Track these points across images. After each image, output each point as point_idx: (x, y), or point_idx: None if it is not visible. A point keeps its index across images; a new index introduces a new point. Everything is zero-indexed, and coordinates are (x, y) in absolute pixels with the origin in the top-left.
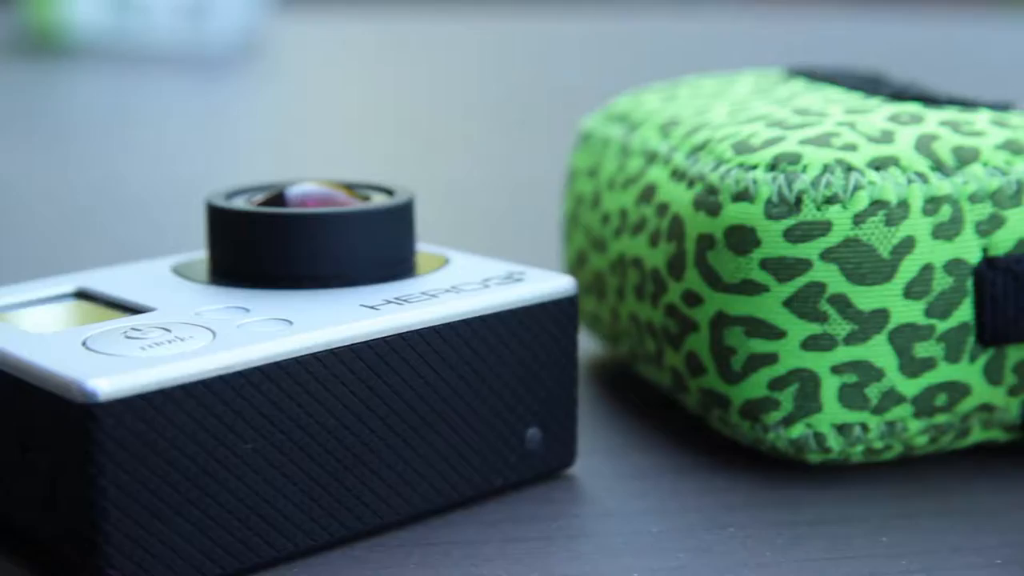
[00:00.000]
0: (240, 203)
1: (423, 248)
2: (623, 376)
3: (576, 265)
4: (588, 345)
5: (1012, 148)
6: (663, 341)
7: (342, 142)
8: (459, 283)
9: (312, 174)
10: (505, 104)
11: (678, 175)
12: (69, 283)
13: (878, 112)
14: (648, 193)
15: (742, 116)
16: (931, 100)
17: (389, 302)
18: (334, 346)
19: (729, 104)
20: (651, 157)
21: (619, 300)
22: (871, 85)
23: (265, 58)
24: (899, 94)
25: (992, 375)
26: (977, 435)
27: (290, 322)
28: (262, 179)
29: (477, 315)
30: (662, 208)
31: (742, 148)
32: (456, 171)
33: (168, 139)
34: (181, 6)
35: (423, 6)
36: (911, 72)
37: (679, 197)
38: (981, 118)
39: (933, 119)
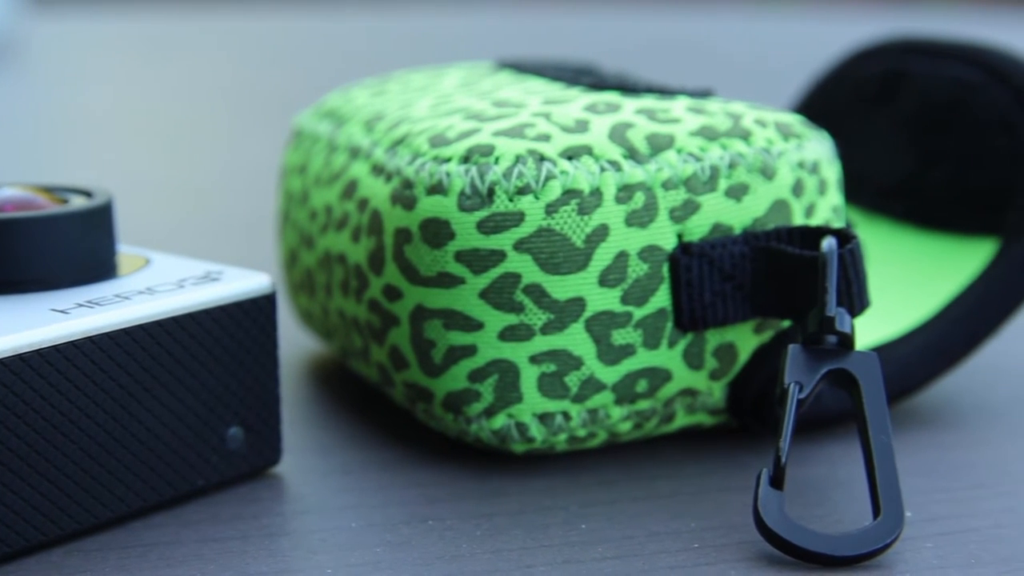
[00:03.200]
0: None
1: (125, 250)
2: (337, 372)
3: (289, 262)
4: (306, 342)
5: (707, 134)
6: (368, 336)
7: (83, 144)
8: (154, 284)
9: (49, 177)
10: (248, 102)
11: (378, 170)
12: None
13: (575, 102)
14: (351, 189)
15: (443, 109)
16: (630, 89)
17: (81, 305)
18: (21, 351)
19: (434, 98)
20: (354, 152)
21: (328, 297)
22: (573, 75)
23: (15, 59)
24: (599, 84)
25: (692, 360)
26: (682, 420)
27: None
28: None
29: (170, 316)
30: (363, 203)
31: (438, 141)
32: (190, 171)
33: None
34: None
35: (181, 5)
36: (661, 67)
37: (378, 192)
38: (678, 105)
39: (630, 107)
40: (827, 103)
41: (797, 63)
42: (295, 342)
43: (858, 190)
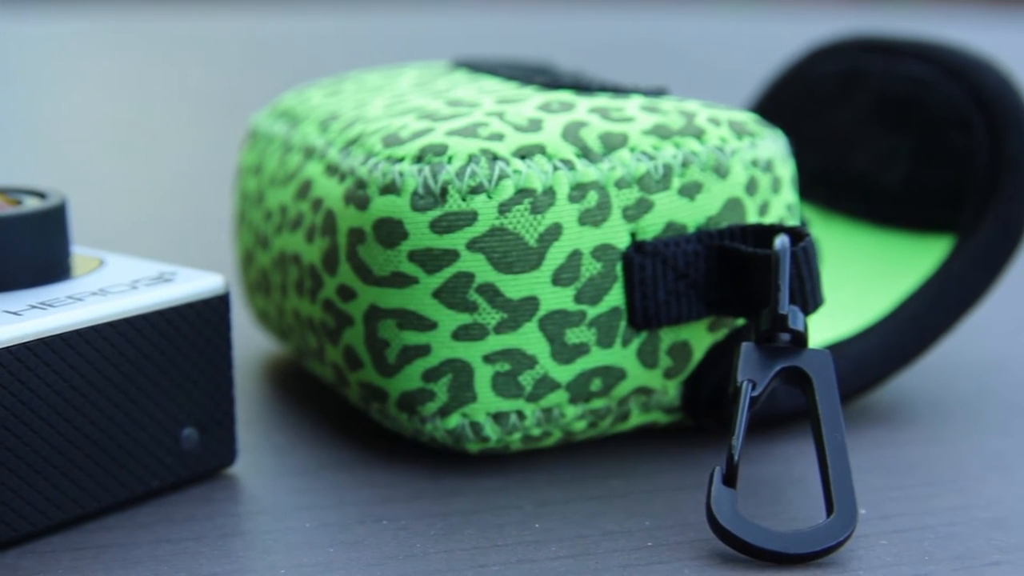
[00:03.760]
0: None
1: (80, 251)
2: (293, 373)
3: (245, 263)
4: (262, 342)
5: (660, 133)
6: (323, 336)
7: (39, 144)
8: (108, 285)
9: (4, 178)
10: (205, 102)
11: (332, 170)
12: None
13: (529, 101)
14: (305, 189)
15: (397, 109)
16: (584, 88)
17: (33, 307)
18: None
19: (388, 97)
20: (309, 153)
21: (283, 297)
22: (527, 74)
23: None
24: (553, 83)
25: (646, 358)
26: (637, 418)
27: None
28: None
29: (122, 317)
30: (317, 203)
31: (391, 141)
32: (147, 171)
33: None
34: None
35: (137, 6)
36: (620, 66)
37: (332, 191)
38: (632, 104)
39: (583, 106)
40: (784, 101)
41: (755, 62)
42: (251, 342)
43: (815, 188)
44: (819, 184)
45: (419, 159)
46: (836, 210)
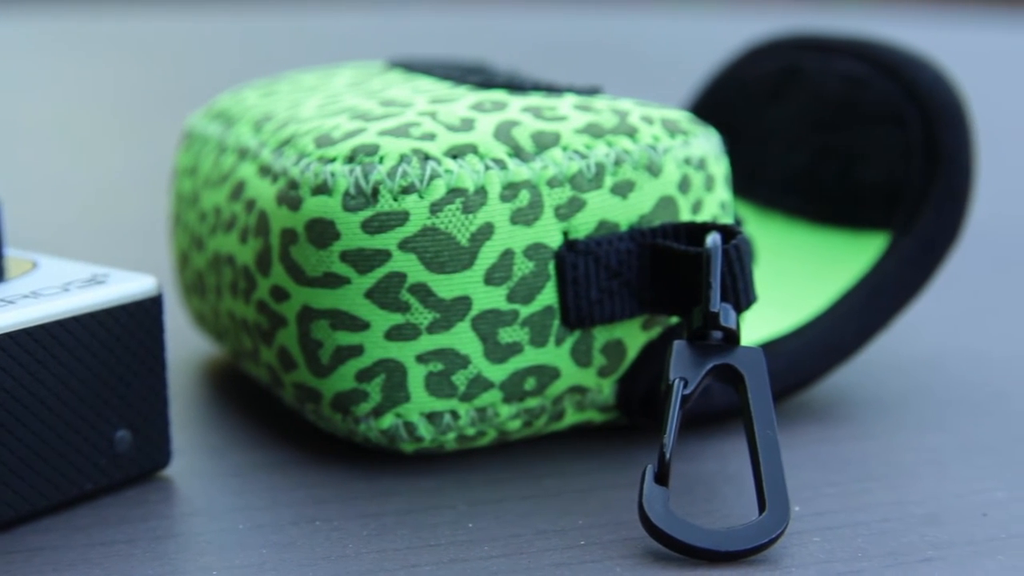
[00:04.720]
0: None
1: (12, 253)
2: (230, 374)
3: (181, 264)
4: (199, 344)
5: (593, 132)
6: (257, 337)
7: None
8: (40, 288)
9: None
10: (142, 104)
11: (265, 170)
12: None
13: (462, 101)
14: (238, 190)
15: (331, 109)
16: (517, 87)
17: None
18: None
19: (322, 97)
20: (243, 153)
21: (218, 298)
22: (462, 74)
23: None
24: (487, 82)
25: (580, 357)
26: (572, 417)
27: None
28: None
29: (54, 319)
30: (250, 204)
31: (323, 141)
32: (83, 173)
33: None
34: None
35: (73, 5)
36: (561, 66)
37: (264, 192)
38: (565, 103)
39: (516, 106)
40: (721, 100)
41: (692, 61)
42: (189, 344)
43: (753, 185)
44: (755, 182)
45: (351, 159)
46: (773, 208)
